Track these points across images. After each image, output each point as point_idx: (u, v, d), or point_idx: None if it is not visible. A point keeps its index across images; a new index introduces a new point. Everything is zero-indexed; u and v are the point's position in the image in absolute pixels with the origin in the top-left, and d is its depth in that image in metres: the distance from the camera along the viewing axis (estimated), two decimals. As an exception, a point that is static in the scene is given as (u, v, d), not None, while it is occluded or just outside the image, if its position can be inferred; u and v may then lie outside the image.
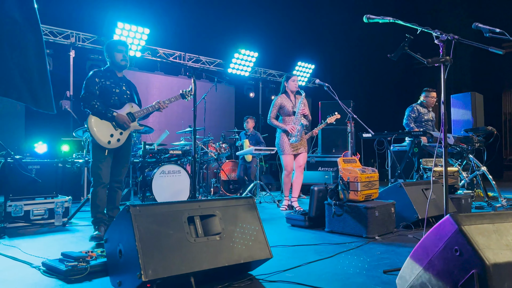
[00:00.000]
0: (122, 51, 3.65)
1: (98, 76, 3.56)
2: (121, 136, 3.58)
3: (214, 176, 7.22)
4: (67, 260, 2.46)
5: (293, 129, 5.09)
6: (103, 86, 3.55)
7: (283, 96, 5.24)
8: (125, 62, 3.67)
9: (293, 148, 5.12)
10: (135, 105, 3.73)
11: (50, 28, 7.24)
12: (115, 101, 3.61)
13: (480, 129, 6.03)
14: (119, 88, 3.65)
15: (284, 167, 5.15)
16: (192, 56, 9.22)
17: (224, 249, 2.19)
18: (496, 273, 1.30)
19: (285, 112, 5.18)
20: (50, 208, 4.32)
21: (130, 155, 3.80)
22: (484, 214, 1.47)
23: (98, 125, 3.46)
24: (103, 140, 3.46)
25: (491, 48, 2.35)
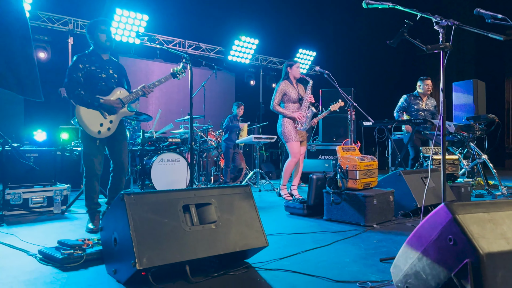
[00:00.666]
0: (105, 31, 3.43)
1: (81, 62, 3.36)
2: (111, 125, 3.44)
3: (214, 164, 7.21)
4: (63, 248, 2.46)
5: (301, 117, 5.00)
6: (88, 72, 3.36)
7: (286, 82, 5.10)
8: (110, 43, 3.46)
9: (300, 134, 5.04)
10: (124, 90, 3.56)
11: (48, 15, 7.18)
12: (102, 87, 3.43)
13: (481, 117, 5.98)
14: (105, 73, 3.46)
15: (292, 154, 4.99)
16: (192, 43, 9.14)
17: (220, 238, 2.18)
18: (490, 262, 1.28)
19: (290, 99, 5.02)
20: (49, 196, 4.32)
21: (125, 140, 3.65)
22: (479, 203, 1.45)
23: (86, 115, 3.33)
24: (93, 130, 3.34)
25: (491, 34, 2.30)
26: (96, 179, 3.41)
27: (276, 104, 5.04)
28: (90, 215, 3.46)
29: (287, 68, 5.16)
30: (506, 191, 5.55)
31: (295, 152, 4.98)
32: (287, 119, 5.02)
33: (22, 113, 6.98)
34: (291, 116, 4.99)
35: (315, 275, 2.19)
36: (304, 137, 5.13)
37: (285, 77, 5.17)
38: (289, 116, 5.00)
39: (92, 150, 3.40)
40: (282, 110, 5.02)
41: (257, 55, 10.15)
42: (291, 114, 4.99)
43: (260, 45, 9.73)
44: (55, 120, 6.84)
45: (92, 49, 3.49)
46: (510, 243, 1.34)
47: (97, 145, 3.41)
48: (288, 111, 5.01)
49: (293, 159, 5.00)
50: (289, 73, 5.15)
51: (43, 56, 7.13)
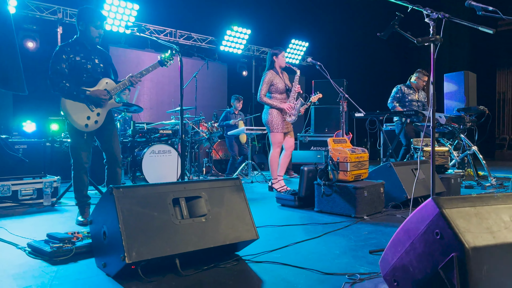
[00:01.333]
0: (100, 27, 3.31)
1: (65, 52, 3.22)
2: (99, 117, 3.35)
3: (206, 155, 7.20)
4: (53, 241, 2.44)
5: (290, 108, 4.90)
6: (72, 63, 3.23)
7: (272, 72, 4.95)
8: (99, 39, 3.35)
9: (286, 126, 4.94)
10: (110, 81, 3.43)
11: (36, 4, 7.05)
12: (88, 78, 3.31)
13: (472, 108, 6.02)
14: (91, 63, 3.33)
15: (274, 145, 4.90)
16: (184, 33, 9.05)
17: (210, 231, 2.18)
18: (475, 256, 1.29)
19: (277, 90, 4.90)
20: (38, 188, 4.28)
21: (115, 131, 3.55)
22: (466, 197, 1.46)
23: (72, 108, 3.23)
24: (79, 123, 3.25)
25: (481, 27, 2.30)
26: (84, 172, 3.35)
27: (263, 95, 4.91)
28: (80, 207, 3.42)
29: (273, 57, 4.99)
30: (495, 182, 5.61)
31: (278, 142, 4.89)
32: (274, 109, 4.89)
33: (11, 104, 6.91)
34: (280, 107, 4.87)
35: (305, 267, 2.20)
36: (290, 128, 5.03)
37: (270, 66, 5.01)
38: (278, 107, 4.87)
39: (79, 144, 3.31)
40: (270, 101, 4.89)
41: (250, 45, 10.09)
42: (280, 105, 4.87)
43: (252, 36, 9.67)
44: (44, 111, 6.76)
45: (77, 38, 3.34)
46: (495, 237, 1.35)
47: (84, 138, 3.31)
48: (276, 102, 4.90)
49: (276, 149, 4.90)
50: (275, 62, 4.99)
51: (32, 45, 7.03)
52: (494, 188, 5.43)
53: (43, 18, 7.15)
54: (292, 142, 5.07)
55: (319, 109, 8.33)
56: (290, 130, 5.01)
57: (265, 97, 4.93)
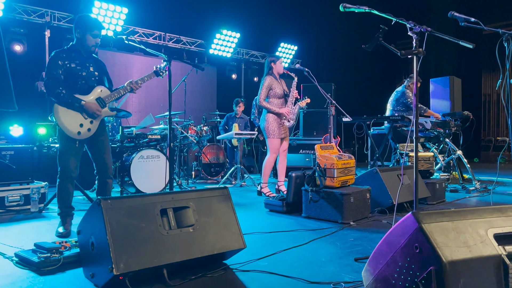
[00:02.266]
0: (97, 36, 3.30)
1: (61, 58, 3.21)
2: (92, 125, 3.33)
3: (195, 159, 7.21)
4: (40, 251, 2.45)
5: (289, 113, 4.98)
6: (67, 70, 3.22)
7: (271, 77, 5.07)
8: (95, 48, 3.34)
9: (284, 131, 5.04)
10: (105, 89, 3.42)
11: (24, 7, 7.00)
12: (82, 85, 3.29)
13: (456, 114, 6.14)
14: (86, 70, 3.32)
15: (272, 150, 5.00)
16: (173, 36, 9.05)
17: (197, 241, 2.21)
18: (452, 270, 1.35)
19: (276, 95, 5.00)
20: (25, 194, 4.25)
21: (107, 140, 3.54)
22: (444, 211, 1.51)
23: (65, 115, 3.21)
24: (72, 131, 3.23)
25: (461, 42, 2.37)
26: (70, 181, 3.28)
27: (262, 99, 5.00)
28: (62, 218, 3.33)
29: (271, 64, 5.11)
30: (479, 186, 5.73)
31: (274, 148, 4.99)
32: (272, 115, 4.98)
33: (-3, 108, 6.83)
34: (278, 112, 4.96)
35: (291, 276, 2.24)
36: (287, 134, 5.14)
37: (269, 72, 5.13)
38: (276, 112, 4.96)
39: (68, 150, 3.26)
40: (269, 106, 4.97)
41: (239, 48, 10.13)
42: (278, 110, 4.95)
43: (241, 39, 9.71)
44: (32, 114, 6.70)
45: (73, 45, 3.33)
46: (471, 251, 1.41)
47: (76, 146, 3.28)
48: (274, 107, 4.98)
49: (273, 155, 5.01)
50: (273, 68, 5.10)
51: (19, 49, 6.97)
52: (478, 192, 5.54)
53: (30, 21, 7.10)
54: (286, 146, 5.20)
55: (307, 113, 8.39)
56: (286, 136, 5.12)
57: (264, 102, 5.02)
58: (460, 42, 2.37)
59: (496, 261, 1.42)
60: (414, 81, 6.39)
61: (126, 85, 3.49)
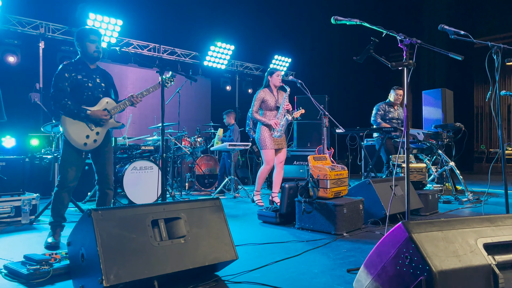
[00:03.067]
0: (95, 41, 3.35)
1: (68, 71, 3.27)
2: (98, 137, 3.34)
3: (189, 170, 7.19)
4: (30, 263, 2.42)
5: (276, 124, 5.09)
6: (74, 81, 3.27)
7: (266, 90, 5.21)
8: (98, 54, 3.39)
9: (275, 142, 5.13)
10: (111, 100, 3.45)
11: (18, 18, 7.01)
12: (89, 97, 3.33)
13: (448, 125, 6.19)
14: (92, 82, 3.36)
15: (266, 161, 5.12)
16: (167, 48, 9.09)
17: (189, 252, 2.19)
18: (442, 279, 1.35)
19: (268, 107, 5.15)
20: (16, 205, 4.21)
21: (111, 152, 3.55)
22: (433, 221, 1.52)
23: (72, 126, 3.23)
24: (79, 142, 3.24)
25: (451, 54, 2.40)
26: (67, 191, 3.27)
27: (254, 111, 5.18)
28: (52, 227, 3.30)
29: (268, 77, 5.29)
30: (472, 197, 5.75)
31: (268, 159, 5.08)
32: (264, 126, 5.15)
33: (-11, 119, 6.80)
34: (267, 123, 5.11)
35: (283, 287, 2.22)
36: (283, 145, 5.22)
37: (265, 85, 5.29)
38: (266, 123, 5.12)
39: (72, 160, 3.27)
40: (260, 118, 5.14)
41: (233, 60, 10.19)
42: (268, 121, 5.11)
43: (236, 51, 9.77)
44: (24, 125, 6.67)
45: (79, 57, 3.39)
46: (461, 260, 1.41)
47: (81, 157, 3.31)
48: (265, 118, 5.13)
49: (267, 166, 5.11)
50: (269, 81, 5.27)
51: (13, 60, 6.96)
52: (471, 203, 5.56)
53: (25, 32, 7.11)
54: (283, 158, 5.28)
55: (301, 124, 8.43)
56: (282, 147, 5.19)
57: (256, 113, 5.19)
58: (450, 54, 2.41)
59: (486, 271, 1.42)
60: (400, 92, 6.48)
61: (128, 98, 3.51)
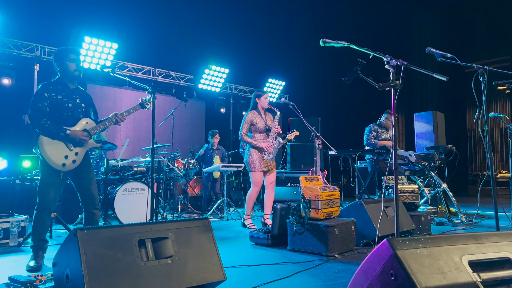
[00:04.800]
0: (75, 60, 3.34)
1: (47, 90, 3.24)
2: (77, 157, 3.31)
3: (181, 192, 7.15)
4: (14, 285, 2.37)
5: (268, 147, 5.08)
6: (54, 101, 3.24)
7: (254, 112, 5.20)
8: (78, 72, 3.37)
9: (265, 165, 5.11)
10: (90, 121, 3.44)
11: (14, 41, 7.09)
12: (68, 117, 3.30)
13: (440, 147, 6.24)
14: (72, 102, 3.33)
15: (254, 183, 5.09)
16: (162, 71, 9.19)
17: (176, 273, 2.16)
18: (427, 297, 1.33)
19: (257, 129, 5.13)
20: (5, 227, 4.14)
21: (93, 171, 3.51)
22: (419, 238, 1.52)
23: (50, 147, 3.19)
24: (57, 162, 3.20)
25: (435, 75, 2.45)
26: (47, 214, 3.22)
27: (244, 134, 5.14)
28: (34, 251, 3.22)
29: (256, 99, 5.27)
30: (465, 219, 5.74)
31: (256, 181, 5.07)
32: (253, 149, 5.11)
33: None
34: (258, 146, 5.07)
35: (272, 309, 2.19)
36: (272, 166, 5.20)
37: (253, 107, 5.28)
38: (256, 146, 5.08)
39: (50, 181, 3.22)
40: (250, 140, 5.11)
41: (228, 83, 10.30)
42: (259, 144, 5.07)
43: (230, 74, 9.89)
44: (17, 147, 6.65)
45: (59, 77, 3.38)
46: (446, 277, 1.40)
47: (60, 178, 3.25)
48: (255, 141, 5.10)
49: (255, 188, 5.09)
50: (257, 103, 5.26)
51: (7, 82, 7.01)
52: (464, 225, 5.55)
53: (20, 55, 7.17)
54: (273, 179, 5.25)
55: (295, 146, 8.46)
56: (271, 168, 5.15)
57: (246, 136, 5.15)
58: (434, 75, 2.46)
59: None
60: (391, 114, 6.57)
61: (111, 116, 3.52)
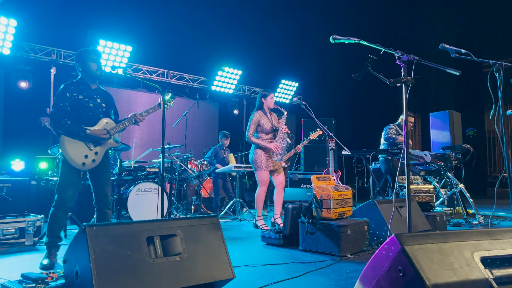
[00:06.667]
0: (96, 61, 3.39)
1: (69, 90, 3.30)
2: (96, 156, 3.36)
3: (195, 193, 7.17)
4: (26, 281, 2.40)
5: (277, 147, 5.01)
6: (75, 101, 3.30)
7: (260, 113, 5.13)
8: (100, 72, 3.42)
9: (271, 164, 5.05)
10: (110, 120, 3.47)
11: (31, 45, 7.23)
12: (89, 117, 3.34)
13: (456, 147, 6.11)
14: (93, 102, 3.38)
15: (260, 183, 5.04)
16: (176, 74, 9.25)
17: (184, 270, 2.16)
18: (436, 294, 1.29)
19: (264, 130, 5.06)
20: (21, 227, 4.22)
21: (109, 173, 3.57)
22: (428, 234, 1.48)
23: (71, 146, 3.25)
24: (77, 161, 3.25)
25: (448, 69, 2.40)
26: (63, 211, 3.26)
27: (251, 135, 5.06)
28: (48, 248, 3.28)
29: (261, 99, 5.19)
30: (482, 220, 5.60)
31: (263, 180, 5.01)
32: (259, 149, 5.02)
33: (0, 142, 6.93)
34: (267, 146, 5.00)
35: (281, 307, 2.17)
36: (279, 166, 5.12)
37: (259, 107, 5.20)
38: (264, 146, 5.00)
39: (70, 180, 3.27)
40: (258, 141, 5.03)
41: (241, 85, 10.30)
42: (267, 145, 5.00)
43: (243, 76, 9.89)
44: (34, 149, 6.77)
45: (80, 78, 3.43)
46: (456, 274, 1.36)
47: (79, 176, 3.31)
48: (262, 142, 5.03)
49: (262, 188, 5.03)
50: (263, 103, 5.18)
51: (24, 85, 7.14)
52: (482, 226, 5.42)
53: (37, 59, 7.31)
54: (282, 179, 5.16)
55: (308, 147, 8.40)
56: (278, 168, 5.08)
57: (253, 137, 5.07)
58: (447, 70, 2.40)
59: (483, 285, 1.36)
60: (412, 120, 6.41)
61: (130, 116, 3.55)
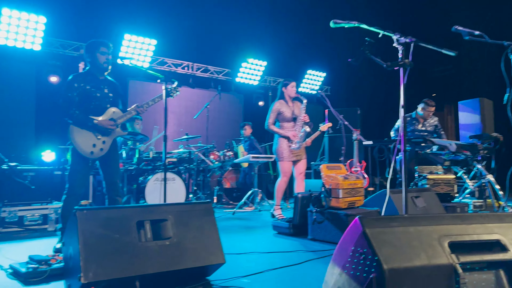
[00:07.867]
0: (105, 53, 3.47)
1: (77, 81, 3.40)
2: (104, 145, 3.46)
3: (217, 184, 7.25)
4: (31, 262, 2.53)
5: (295, 136, 5.01)
6: (82, 91, 3.39)
7: (281, 101, 5.13)
8: (107, 65, 3.49)
9: (293, 154, 5.03)
10: (117, 110, 3.56)
11: (61, 41, 7.52)
12: (96, 107, 3.45)
13: (484, 135, 5.81)
14: (100, 92, 3.48)
15: (282, 173, 5.03)
16: (201, 66, 9.34)
17: (173, 254, 2.20)
18: (393, 277, 1.25)
19: (284, 118, 5.05)
20: (44, 214, 4.44)
21: (118, 161, 3.68)
22: (396, 217, 1.43)
23: (79, 135, 3.36)
24: (85, 150, 3.37)
25: (444, 50, 2.29)
26: (75, 198, 3.39)
27: (270, 123, 5.07)
28: (61, 233, 3.44)
29: (282, 88, 5.17)
30: None
31: (285, 171, 4.99)
32: (282, 138, 5.04)
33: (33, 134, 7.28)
34: (285, 135, 5.01)
35: (268, 293, 2.17)
36: (301, 156, 5.09)
37: (280, 96, 5.18)
38: (283, 135, 5.02)
39: (80, 168, 3.40)
40: (277, 130, 5.04)
41: (266, 76, 10.26)
42: (285, 133, 5.01)
43: (268, 67, 9.85)
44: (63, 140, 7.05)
45: (88, 69, 3.54)
46: (418, 258, 1.31)
47: (88, 164, 3.44)
48: (282, 130, 5.03)
49: (284, 178, 5.00)
50: (284, 92, 5.15)
51: (55, 80, 7.45)
52: (510, 219, 5.16)
53: (66, 54, 7.60)
54: (303, 169, 5.14)
55: (333, 137, 8.28)
56: (300, 158, 5.07)
57: (272, 125, 5.09)
58: (443, 51, 2.29)
59: (447, 270, 1.31)
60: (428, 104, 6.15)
61: (133, 107, 3.62)
